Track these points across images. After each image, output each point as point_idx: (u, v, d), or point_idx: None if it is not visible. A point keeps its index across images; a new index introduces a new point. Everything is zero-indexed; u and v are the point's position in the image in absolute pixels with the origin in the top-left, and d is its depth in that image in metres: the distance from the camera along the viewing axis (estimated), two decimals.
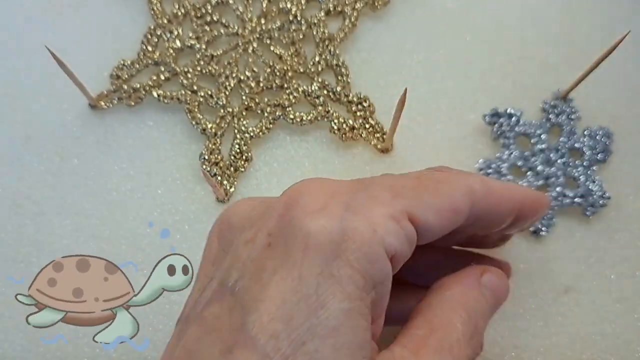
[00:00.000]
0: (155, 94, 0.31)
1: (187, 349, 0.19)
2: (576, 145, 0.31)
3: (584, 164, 0.30)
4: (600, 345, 0.29)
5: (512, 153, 0.31)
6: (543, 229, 0.30)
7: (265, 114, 0.31)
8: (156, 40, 0.32)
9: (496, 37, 0.33)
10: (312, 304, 0.17)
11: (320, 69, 0.32)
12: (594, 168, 0.30)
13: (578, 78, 0.30)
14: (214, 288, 0.19)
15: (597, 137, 0.31)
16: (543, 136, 0.31)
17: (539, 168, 0.30)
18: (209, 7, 0.32)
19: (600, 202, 0.30)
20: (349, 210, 0.18)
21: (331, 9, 0.32)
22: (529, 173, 0.30)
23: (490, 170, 0.30)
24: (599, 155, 0.30)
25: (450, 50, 0.33)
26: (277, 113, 0.31)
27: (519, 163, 0.30)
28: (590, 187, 0.30)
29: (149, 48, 0.32)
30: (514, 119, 0.31)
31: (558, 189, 0.30)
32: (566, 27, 0.33)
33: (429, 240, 0.20)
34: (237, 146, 0.31)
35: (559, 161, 0.30)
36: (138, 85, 0.31)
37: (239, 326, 0.17)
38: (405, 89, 0.26)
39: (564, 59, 0.33)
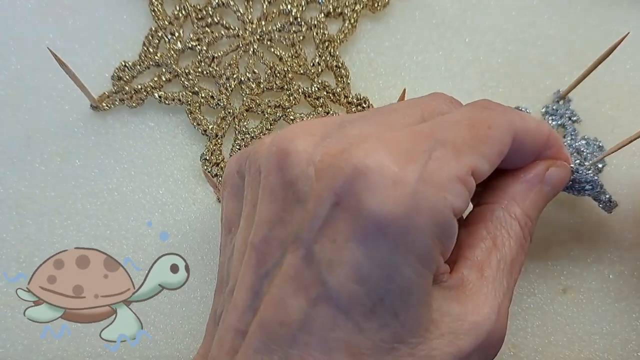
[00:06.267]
0: (156, 95, 0.31)
1: (273, 294, 0.19)
2: (580, 147, 0.30)
3: (588, 167, 0.30)
4: (598, 344, 0.29)
5: None
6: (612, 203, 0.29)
7: (266, 115, 0.31)
8: (157, 41, 0.32)
9: (495, 38, 0.33)
10: (386, 270, 0.18)
11: (320, 70, 0.32)
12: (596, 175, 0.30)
13: (577, 79, 0.30)
14: (286, 235, 0.20)
15: (594, 146, 0.30)
16: None
17: None
18: (209, 9, 0.32)
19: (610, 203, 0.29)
20: (421, 180, 0.18)
21: (331, 10, 0.33)
22: None
23: None
24: (597, 164, 0.30)
25: (449, 52, 0.33)
26: (278, 114, 0.31)
27: None
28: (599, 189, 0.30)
29: (150, 49, 0.32)
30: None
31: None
32: (565, 27, 0.33)
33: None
34: (238, 147, 0.31)
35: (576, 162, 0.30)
36: (139, 87, 0.32)
37: (319, 281, 0.19)
38: (404, 90, 0.26)
39: (563, 60, 0.33)
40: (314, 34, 0.32)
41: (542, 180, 0.24)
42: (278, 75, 0.32)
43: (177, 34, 0.32)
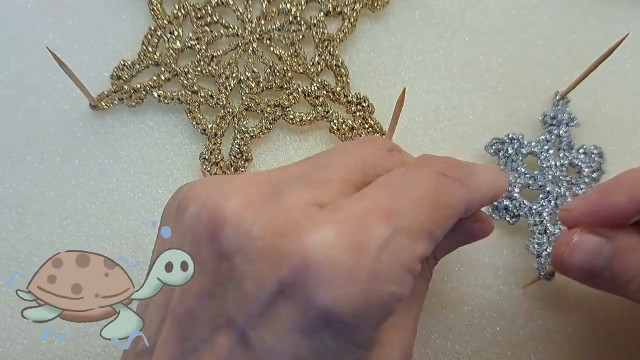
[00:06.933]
0: (156, 95, 0.31)
1: None
2: (575, 161, 0.30)
3: (586, 180, 0.30)
4: (599, 345, 0.29)
5: (520, 177, 0.30)
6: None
7: (266, 115, 0.31)
8: (157, 41, 0.32)
9: (495, 38, 0.33)
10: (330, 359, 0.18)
11: (320, 69, 0.32)
12: (593, 185, 0.30)
13: (577, 79, 0.30)
14: (217, 313, 0.19)
15: (592, 157, 0.30)
16: (551, 151, 0.30)
17: (549, 189, 0.30)
18: (209, 8, 0.32)
19: None
20: (373, 277, 0.17)
21: (331, 10, 0.33)
22: (540, 195, 0.30)
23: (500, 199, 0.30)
24: (594, 174, 0.30)
25: (449, 51, 0.33)
26: (277, 113, 0.31)
27: (530, 182, 0.30)
28: None
29: (150, 49, 0.32)
30: (516, 143, 0.31)
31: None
32: (564, 28, 0.33)
33: None
34: (237, 146, 0.31)
35: (563, 178, 0.30)
36: (139, 86, 0.32)
37: None
38: (404, 89, 0.26)
39: (563, 60, 0.33)
40: (314, 33, 0.32)
41: (463, 231, 0.24)
42: (278, 74, 0.32)
43: (176, 34, 0.32)
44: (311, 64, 0.32)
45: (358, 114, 0.32)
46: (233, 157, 0.31)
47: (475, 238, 0.24)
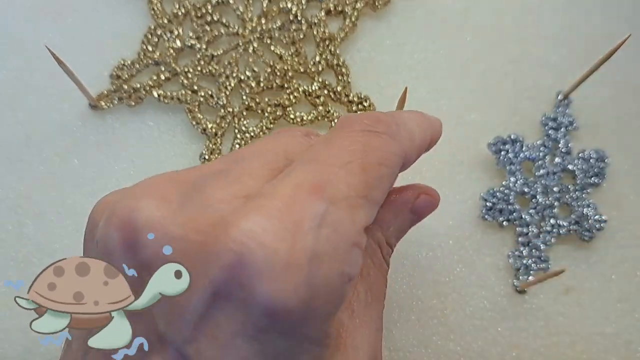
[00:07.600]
0: (155, 94, 0.31)
1: None
2: (569, 167, 0.30)
3: (577, 188, 0.30)
4: (601, 345, 0.29)
5: (517, 180, 0.30)
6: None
7: (266, 114, 0.31)
8: (156, 40, 0.32)
9: (496, 37, 0.33)
10: None
11: (320, 68, 0.32)
12: (589, 191, 0.30)
13: (579, 79, 0.30)
14: (148, 331, 0.16)
15: (591, 161, 0.30)
16: (547, 158, 0.30)
17: (539, 199, 0.30)
18: (209, 7, 0.32)
19: (597, 226, 0.30)
20: (314, 259, 0.15)
21: (332, 8, 0.32)
22: (532, 202, 0.30)
23: (494, 200, 0.30)
24: (592, 179, 0.30)
25: (450, 50, 0.33)
26: (278, 113, 0.31)
27: (525, 190, 0.30)
28: (584, 212, 0.30)
29: (149, 48, 0.32)
30: (517, 144, 0.31)
31: (552, 221, 0.30)
32: (566, 26, 0.33)
33: None
34: (237, 146, 0.31)
35: (555, 189, 0.30)
36: (138, 85, 0.31)
37: None
38: (406, 88, 0.26)
39: (564, 59, 0.33)
40: (315, 32, 0.32)
41: (409, 208, 0.23)
42: (278, 73, 0.32)
43: (176, 33, 0.32)
44: (312, 63, 0.32)
45: (359, 113, 0.31)
46: None
47: (423, 213, 0.23)
